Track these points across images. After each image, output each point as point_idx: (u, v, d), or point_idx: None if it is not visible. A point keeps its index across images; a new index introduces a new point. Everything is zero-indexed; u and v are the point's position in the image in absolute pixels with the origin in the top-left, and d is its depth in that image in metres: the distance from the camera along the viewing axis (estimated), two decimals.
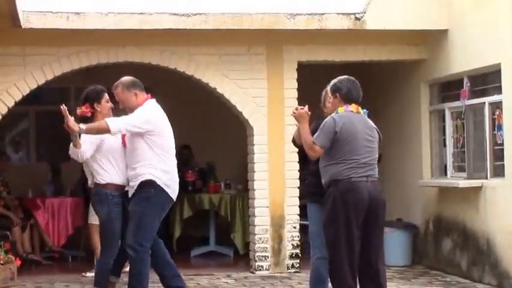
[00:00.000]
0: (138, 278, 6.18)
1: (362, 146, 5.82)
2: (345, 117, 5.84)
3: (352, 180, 5.73)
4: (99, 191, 6.35)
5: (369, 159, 5.84)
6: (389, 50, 9.33)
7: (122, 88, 6.28)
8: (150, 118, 6.20)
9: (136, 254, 6.14)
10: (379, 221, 5.85)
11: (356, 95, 5.94)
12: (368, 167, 5.81)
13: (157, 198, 6.17)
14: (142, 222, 6.15)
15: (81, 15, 8.38)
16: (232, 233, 10.03)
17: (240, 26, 8.61)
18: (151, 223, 6.18)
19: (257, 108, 9.07)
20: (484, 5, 8.27)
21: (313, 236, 6.23)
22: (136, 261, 6.16)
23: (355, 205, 5.70)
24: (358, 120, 5.90)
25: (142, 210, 6.15)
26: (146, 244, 6.15)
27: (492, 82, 8.34)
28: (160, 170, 6.16)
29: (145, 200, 6.16)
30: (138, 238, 6.14)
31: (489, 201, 8.20)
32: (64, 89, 11.47)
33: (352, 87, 5.95)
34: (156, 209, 6.20)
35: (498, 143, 8.19)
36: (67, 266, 9.92)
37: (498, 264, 8.02)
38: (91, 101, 6.41)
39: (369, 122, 5.97)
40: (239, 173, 10.17)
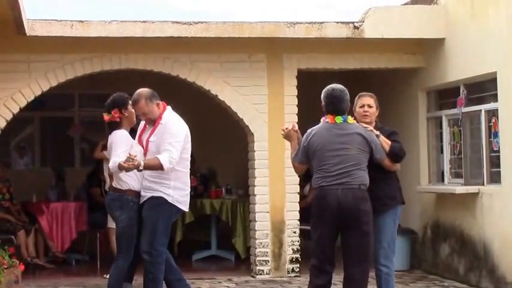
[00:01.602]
0: (153, 282, 6.27)
1: (331, 156, 5.88)
2: (317, 128, 6.02)
3: (322, 189, 5.90)
4: (120, 196, 6.41)
5: (341, 166, 5.86)
6: (387, 58, 9.44)
7: (146, 101, 6.32)
8: (181, 138, 6.30)
9: (152, 259, 6.23)
10: (353, 230, 5.85)
11: (334, 108, 5.97)
12: (340, 176, 5.85)
13: (166, 211, 6.30)
14: (156, 227, 6.25)
15: (85, 23, 8.49)
16: (234, 237, 10.10)
17: (241, 34, 8.73)
18: (164, 228, 6.29)
19: (258, 114, 9.17)
20: (480, 15, 8.38)
21: None
22: (151, 266, 6.25)
23: (322, 211, 5.85)
24: (329, 130, 5.96)
25: (155, 216, 6.26)
26: (160, 249, 6.25)
27: (488, 90, 8.42)
28: (173, 187, 6.28)
29: (157, 206, 6.28)
30: (153, 243, 6.24)
31: (486, 207, 8.28)
32: (68, 95, 11.61)
33: (331, 100, 5.98)
34: (167, 216, 6.31)
35: (494, 150, 8.27)
36: (71, 270, 10.01)
37: (495, 269, 8.10)
38: (119, 106, 6.49)
39: (344, 130, 5.95)
40: (240, 178, 10.28)
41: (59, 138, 12.19)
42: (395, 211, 6.27)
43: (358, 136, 5.95)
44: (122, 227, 6.41)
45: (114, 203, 6.47)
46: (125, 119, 6.48)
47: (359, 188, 5.88)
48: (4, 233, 9.19)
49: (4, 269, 7.44)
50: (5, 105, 8.69)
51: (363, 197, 5.89)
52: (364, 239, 5.88)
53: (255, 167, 9.20)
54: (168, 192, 6.26)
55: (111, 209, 6.55)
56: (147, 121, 6.40)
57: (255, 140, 9.18)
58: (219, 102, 9.22)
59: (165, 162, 6.14)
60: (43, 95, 9.00)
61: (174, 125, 6.33)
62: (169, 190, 6.26)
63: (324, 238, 5.90)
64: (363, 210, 5.86)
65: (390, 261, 6.26)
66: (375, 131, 6.13)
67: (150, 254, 6.24)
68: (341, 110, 5.97)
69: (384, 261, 6.22)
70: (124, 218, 6.38)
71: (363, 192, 5.89)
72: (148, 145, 6.35)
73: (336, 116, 5.97)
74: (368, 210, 5.90)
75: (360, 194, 5.88)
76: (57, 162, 11.64)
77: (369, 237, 5.90)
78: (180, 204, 6.33)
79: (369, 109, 6.27)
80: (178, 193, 6.30)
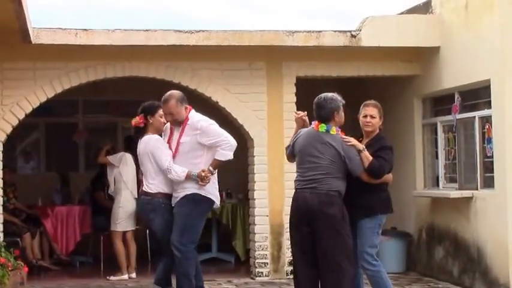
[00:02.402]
0: (185, 277, 6.40)
1: (305, 161, 6.23)
2: (305, 131, 6.37)
3: (295, 191, 6.30)
4: (151, 199, 6.61)
5: (313, 173, 6.16)
6: (384, 66, 9.56)
7: (176, 102, 6.56)
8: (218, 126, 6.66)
9: (182, 254, 6.38)
10: (318, 232, 6.11)
11: (317, 114, 6.30)
12: (313, 182, 6.16)
13: (201, 202, 6.50)
14: (186, 223, 6.41)
15: (89, 32, 8.63)
16: (234, 240, 10.21)
17: (241, 42, 8.87)
18: (195, 224, 6.44)
19: (257, 121, 9.31)
20: (474, 24, 8.51)
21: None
22: (182, 261, 6.39)
23: (292, 212, 6.25)
24: (310, 137, 6.27)
25: (186, 212, 6.43)
26: (190, 245, 6.40)
27: (482, 97, 8.53)
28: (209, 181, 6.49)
29: (189, 202, 6.45)
30: (183, 239, 6.38)
31: (479, 211, 8.41)
32: (73, 101, 11.71)
33: (315, 106, 6.33)
34: (199, 211, 6.49)
35: (488, 156, 8.39)
36: (75, 272, 10.14)
37: (488, 271, 8.22)
38: (145, 113, 6.73)
39: (323, 139, 6.19)
40: (240, 182, 10.39)
41: (64, 143, 12.34)
42: (374, 220, 6.42)
43: (331, 148, 6.19)
44: (158, 229, 6.58)
45: (146, 207, 6.66)
46: (151, 126, 6.71)
47: (326, 193, 6.13)
48: (10, 236, 9.28)
49: (9, 270, 7.54)
50: (11, 111, 8.80)
51: (329, 201, 6.12)
52: (329, 244, 6.10)
53: (254, 171, 9.35)
54: (199, 187, 6.45)
55: (144, 212, 6.74)
56: (173, 122, 6.60)
57: (255, 146, 9.33)
58: (219, 108, 9.34)
59: (226, 150, 6.47)
60: (48, 102, 9.11)
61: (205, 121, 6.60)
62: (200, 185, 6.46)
63: (296, 242, 6.25)
64: (327, 213, 6.11)
65: (370, 263, 6.41)
66: (358, 145, 6.28)
67: (180, 250, 6.38)
68: (322, 117, 6.25)
69: (366, 264, 6.42)
70: (157, 220, 6.55)
71: (330, 197, 6.12)
72: (179, 146, 6.53)
73: (320, 123, 6.25)
74: (333, 214, 6.11)
75: (326, 198, 6.13)
76: (62, 167, 11.77)
77: (335, 241, 6.09)
78: (213, 196, 6.54)
79: (372, 120, 6.45)
80: (210, 186, 6.51)
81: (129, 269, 9.42)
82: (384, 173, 6.36)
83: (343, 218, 6.18)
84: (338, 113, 6.30)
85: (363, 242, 6.39)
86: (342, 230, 6.14)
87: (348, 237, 6.17)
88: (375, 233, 6.45)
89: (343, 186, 6.22)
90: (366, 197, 6.36)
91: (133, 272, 9.42)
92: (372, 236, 6.41)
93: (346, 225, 6.19)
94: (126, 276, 9.33)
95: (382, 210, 6.48)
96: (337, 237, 6.11)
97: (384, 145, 6.45)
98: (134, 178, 9.33)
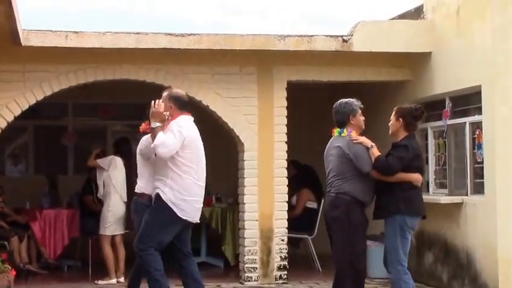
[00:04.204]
0: (150, 279, 6.45)
1: (327, 166, 6.57)
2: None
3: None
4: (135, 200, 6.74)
5: (329, 177, 6.54)
6: (375, 71, 9.59)
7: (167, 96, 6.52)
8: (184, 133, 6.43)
9: (139, 254, 6.44)
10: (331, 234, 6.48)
11: (335, 119, 6.60)
12: (329, 185, 6.55)
13: (161, 211, 6.38)
14: (144, 228, 6.43)
15: (80, 34, 8.61)
16: (223, 244, 10.19)
17: (232, 46, 8.88)
18: (151, 231, 6.38)
19: (248, 125, 9.30)
20: (465, 30, 8.55)
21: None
22: (142, 262, 6.46)
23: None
24: (329, 143, 6.64)
25: (148, 220, 6.43)
26: (143, 246, 6.37)
27: (473, 103, 8.57)
28: (169, 186, 6.37)
29: (151, 210, 6.46)
30: (140, 244, 6.41)
31: (469, 217, 8.44)
32: (62, 104, 11.70)
33: (334, 113, 6.63)
34: (158, 221, 6.39)
35: (478, 162, 8.42)
36: (63, 276, 10.10)
37: (477, 277, 8.25)
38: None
39: (334, 143, 6.53)
40: (230, 187, 10.41)
41: (53, 146, 12.30)
42: (394, 222, 6.42)
43: (338, 149, 6.44)
44: (136, 231, 6.61)
45: (131, 206, 6.81)
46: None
47: (335, 195, 6.42)
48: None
49: None
50: (0, 113, 8.77)
51: (335, 204, 6.40)
52: (334, 244, 6.44)
53: (244, 176, 9.34)
54: (164, 190, 6.38)
55: (131, 212, 6.87)
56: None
57: (245, 150, 9.32)
58: (210, 112, 9.34)
59: (159, 140, 6.25)
60: (38, 104, 9.08)
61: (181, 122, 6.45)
62: (165, 188, 6.38)
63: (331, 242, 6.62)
64: (331, 216, 6.43)
65: (394, 268, 6.46)
66: (366, 143, 6.43)
67: (138, 254, 6.45)
68: (338, 122, 6.56)
69: (389, 267, 6.49)
70: (137, 221, 6.58)
71: (337, 199, 6.39)
72: None
73: (336, 128, 6.56)
74: (335, 216, 6.37)
75: (333, 201, 6.44)
76: (51, 170, 11.72)
77: (337, 243, 6.37)
78: (174, 207, 6.34)
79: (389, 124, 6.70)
80: (173, 194, 6.35)
81: (118, 273, 9.38)
82: (392, 169, 6.37)
83: (348, 220, 6.29)
84: (355, 116, 6.54)
85: (385, 245, 6.50)
86: (344, 232, 6.27)
87: (354, 241, 6.29)
88: (397, 236, 6.39)
89: (357, 188, 6.35)
90: (385, 197, 6.43)
91: (121, 276, 9.38)
92: (393, 238, 6.40)
93: (351, 227, 6.29)
94: (114, 281, 9.30)
95: (402, 212, 6.39)
96: (339, 239, 6.31)
97: (399, 144, 6.53)
98: (124, 182, 9.31)
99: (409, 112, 6.61)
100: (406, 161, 6.40)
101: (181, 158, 6.39)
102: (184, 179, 6.40)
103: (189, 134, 6.43)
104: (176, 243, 6.55)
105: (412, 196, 6.47)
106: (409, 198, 6.45)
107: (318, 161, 10.65)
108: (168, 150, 6.28)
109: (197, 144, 6.54)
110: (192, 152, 6.45)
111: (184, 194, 6.39)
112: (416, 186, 6.49)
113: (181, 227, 6.49)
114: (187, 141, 6.39)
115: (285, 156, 9.37)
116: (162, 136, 6.29)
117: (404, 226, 6.43)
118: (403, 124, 6.58)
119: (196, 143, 6.52)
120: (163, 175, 6.40)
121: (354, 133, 6.51)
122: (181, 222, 6.45)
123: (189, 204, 6.43)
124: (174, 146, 6.30)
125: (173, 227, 6.44)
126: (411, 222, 6.46)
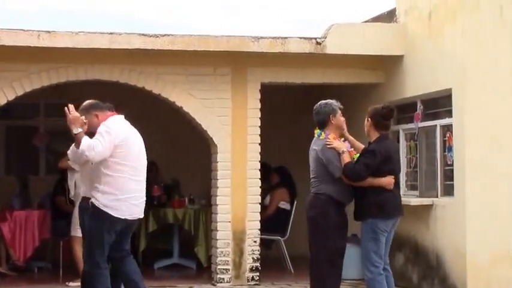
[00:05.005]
0: None
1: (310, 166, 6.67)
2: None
3: None
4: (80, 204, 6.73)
5: (311, 177, 6.63)
6: (348, 73, 9.64)
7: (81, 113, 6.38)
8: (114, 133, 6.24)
9: (88, 269, 6.31)
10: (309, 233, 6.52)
11: (315, 120, 6.70)
12: (311, 185, 6.64)
13: (97, 218, 6.26)
14: (89, 239, 6.33)
15: (52, 34, 8.53)
16: (196, 246, 10.16)
17: (207, 47, 8.86)
18: (96, 240, 6.25)
19: (221, 126, 9.29)
20: (436, 34, 8.64)
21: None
22: (90, 277, 6.29)
23: None
24: (312, 142, 6.70)
25: (88, 224, 6.36)
26: (97, 259, 6.24)
27: (443, 106, 8.65)
28: (101, 191, 6.22)
29: (90, 213, 6.33)
30: (87, 253, 6.32)
31: (439, 218, 8.51)
32: (34, 104, 11.59)
33: (314, 114, 6.72)
34: (99, 223, 6.24)
35: (448, 164, 8.51)
36: (33, 278, 10.03)
37: (447, 278, 8.33)
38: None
39: (313, 145, 6.61)
40: (203, 188, 10.39)
41: (24, 147, 12.20)
42: (366, 225, 6.50)
43: (315, 152, 6.55)
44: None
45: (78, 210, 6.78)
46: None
47: (314, 196, 6.52)
48: None
49: None
50: None
51: (312, 204, 6.52)
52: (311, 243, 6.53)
53: (217, 177, 9.33)
54: (97, 196, 6.25)
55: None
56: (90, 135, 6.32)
57: (218, 152, 9.31)
58: (183, 113, 9.33)
59: (85, 144, 6.10)
60: (9, 104, 9.00)
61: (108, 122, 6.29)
62: (97, 194, 6.25)
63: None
64: (308, 215, 6.53)
65: (367, 269, 6.52)
66: (339, 148, 6.48)
67: (88, 263, 6.30)
68: (317, 122, 6.63)
69: (364, 269, 6.55)
70: (83, 225, 6.54)
71: (315, 199, 6.50)
72: None
73: (316, 129, 6.63)
74: (312, 216, 6.50)
75: (312, 201, 6.54)
76: (22, 171, 11.62)
77: (312, 243, 6.47)
78: (109, 209, 6.18)
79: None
80: (106, 197, 6.20)
81: None
82: (359, 176, 6.44)
83: (325, 220, 6.38)
84: (335, 116, 6.62)
85: (361, 247, 6.57)
86: (320, 232, 6.36)
87: (330, 241, 6.38)
88: (369, 239, 6.47)
89: (334, 188, 6.44)
90: (359, 201, 6.55)
91: None
92: (365, 241, 6.50)
93: (327, 227, 6.38)
94: None
95: (373, 215, 6.47)
96: (314, 239, 6.45)
97: (368, 148, 6.60)
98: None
99: (377, 111, 6.66)
100: (374, 166, 6.45)
101: (114, 157, 6.21)
102: (116, 178, 6.22)
103: (118, 133, 6.26)
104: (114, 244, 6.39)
105: (385, 199, 6.51)
106: (382, 201, 6.51)
107: (292, 162, 10.81)
108: (97, 152, 6.11)
109: (131, 141, 6.34)
110: (124, 150, 6.25)
111: (117, 194, 6.22)
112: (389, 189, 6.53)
113: (123, 226, 6.31)
114: (118, 140, 6.22)
115: (258, 157, 9.40)
116: (87, 140, 6.15)
117: (376, 229, 6.49)
118: (372, 124, 6.63)
119: (128, 140, 6.32)
120: (97, 181, 6.29)
121: (332, 136, 6.56)
122: (121, 222, 6.28)
123: (124, 202, 6.25)
124: (103, 148, 6.13)
125: (113, 228, 6.28)
126: (384, 225, 6.51)
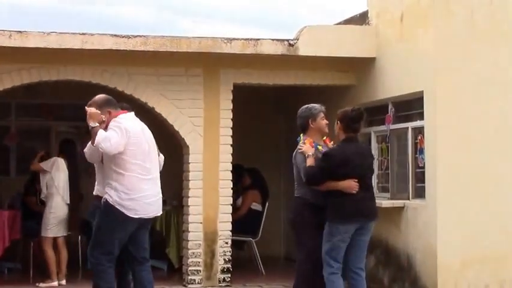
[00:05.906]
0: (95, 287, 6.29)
1: None
2: None
3: None
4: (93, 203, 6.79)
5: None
6: (320, 75, 9.66)
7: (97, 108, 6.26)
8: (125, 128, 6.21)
9: (92, 266, 6.31)
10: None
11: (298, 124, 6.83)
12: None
13: (109, 214, 6.21)
14: (96, 235, 6.29)
15: (24, 34, 8.47)
16: (167, 247, 10.14)
17: (179, 48, 8.84)
18: (104, 237, 6.23)
19: (193, 127, 9.27)
20: (408, 36, 8.68)
21: None
22: (94, 273, 6.30)
23: None
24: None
25: (97, 225, 6.31)
26: (99, 256, 6.22)
27: (415, 108, 8.69)
28: (114, 188, 6.18)
29: (100, 214, 6.30)
30: (92, 249, 6.28)
31: (410, 220, 8.55)
32: (5, 104, 11.52)
33: (297, 118, 6.82)
34: (110, 220, 6.21)
35: (420, 166, 8.55)
36: (3, 279, 9.95)
37: (417, 280, 8.37)
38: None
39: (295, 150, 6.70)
40: (174, 189, 10.28)
41: None
42: (326, 226, 6.56)
43: (293, 156, 6.72)
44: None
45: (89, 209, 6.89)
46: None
47: (294, 199, 6.69)
48: None
49: None
50: None
51: (293, 206, 6.73)
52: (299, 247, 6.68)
53: (189, 178, 9.33)
54: (110, 193, 6.21)
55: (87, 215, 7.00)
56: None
57: (190, 153, 9.30)
58: (155, 114, 9.29)
59: (101, 136, 6.06)
60: None
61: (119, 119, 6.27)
62: (111, 191, 6.21)
63: None
64: (288, 217, 6.79)
65: (323, 268, 6.57)
66: (306, 152, 6.55)
67: (90, 261, 6.31)
68: (299, 126, 6.75)
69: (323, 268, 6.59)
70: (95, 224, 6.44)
71: (294, 202, 6.68)
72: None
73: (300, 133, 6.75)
74: (291, 218, 6.68)
75: (292, 204, 6.76)
76: None
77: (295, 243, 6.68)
78: (122, 208, 6.15)
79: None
80: (118, 195, 6.17)
81: (60, 276, 9.29)
82: (313, 179, 6.49)
83: (300, 222, 6.54)
84: (315, 120, 6.70)
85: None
86: (298, 233, 6.56)
87: (308, 240, 6.53)
88: (326, 240, 6.54)
89: (309, 191, 6.54)
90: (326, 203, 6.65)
91: (63, 279, 9.30)
92: (323, 242, 6.57)
93: (302, 228, 6.54)
94: (56, 283, 9.20)
95: (329, 218, 6.54)
96: (296, 239, 6.66)
97: (323, 152, 6.66)
98: (66, 183, 9.23)
99: (346, 114, 6.68)
100: (327, 170, 6.46)
101: (124, 155, 6.18)
102: (127, 177, 6.20)
103: (129, 130, 6.23)
104: (131, 248, 6.39)
105: (342, 202, 6.51)
106: (338, 205, 6.52)
107: (265, 164, 10.83)
108: (112, 144, 6.06)
109: (141, 139, 6.33)
110: (134, 148, 6.24)
111: (129, 193, 6.20)
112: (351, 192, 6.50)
113: (137, 226, 6.30)
114: (129, 136, 6.20)
115: (230, 159, 9.40)
116: (103, 132, 6.12)
117: (334, 232, 6.52)
118: (341, 126, 6.66)
119: (138, 137, 6.30)
120: (109, 178, 6.27)
121: (308, 140, 6.62)
122: (135, 221, 6.26)
123: (138, 201, 6.23)
124: (118, 140, 6.09)
125: (125, 227, 6.25)
126: (344, 229, 6.52)
